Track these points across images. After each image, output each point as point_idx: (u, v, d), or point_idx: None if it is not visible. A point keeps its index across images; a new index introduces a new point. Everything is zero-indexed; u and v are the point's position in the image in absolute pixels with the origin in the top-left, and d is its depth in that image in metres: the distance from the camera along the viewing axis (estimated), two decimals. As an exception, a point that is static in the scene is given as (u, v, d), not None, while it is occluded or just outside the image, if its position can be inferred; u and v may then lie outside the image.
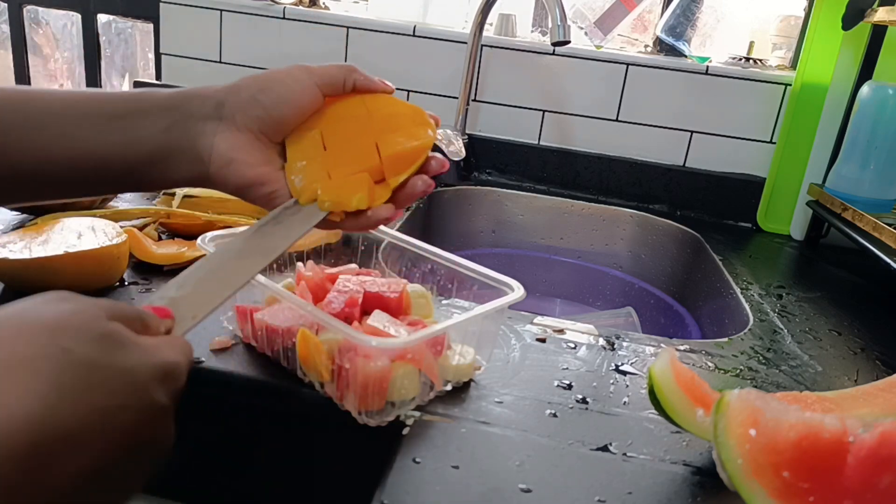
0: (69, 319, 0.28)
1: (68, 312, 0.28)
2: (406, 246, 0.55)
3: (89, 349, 0.27)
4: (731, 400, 0.38)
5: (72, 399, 0.25)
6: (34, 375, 0.25)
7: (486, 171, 1.14)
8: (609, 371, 0.54)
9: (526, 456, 0.42)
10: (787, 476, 0.34)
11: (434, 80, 1.12)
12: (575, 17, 1.06)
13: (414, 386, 0.44)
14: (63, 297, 0.29)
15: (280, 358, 0.48)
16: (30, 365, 0.25)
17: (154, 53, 1.22)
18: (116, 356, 0.28)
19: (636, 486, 0.40)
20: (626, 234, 1.07)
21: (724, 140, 1.07)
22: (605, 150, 1.10)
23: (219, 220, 0.69)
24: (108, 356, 0.28)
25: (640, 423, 0.47)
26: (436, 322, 0.48)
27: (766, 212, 1.05)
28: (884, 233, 0.76)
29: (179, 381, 0.32)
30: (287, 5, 1.14)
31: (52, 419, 0.25)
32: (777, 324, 0.69)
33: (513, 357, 0.54)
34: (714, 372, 0.57)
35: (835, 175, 0.92)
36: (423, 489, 0.38)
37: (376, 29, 1.10)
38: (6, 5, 1.25)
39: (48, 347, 0.26)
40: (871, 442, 0.34)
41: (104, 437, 0.26)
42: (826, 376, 0.59)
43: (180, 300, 0.36)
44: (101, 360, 0.27)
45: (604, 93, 1.08)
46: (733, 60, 1.07)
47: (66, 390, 0.25)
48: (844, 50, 0.95)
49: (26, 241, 0.54)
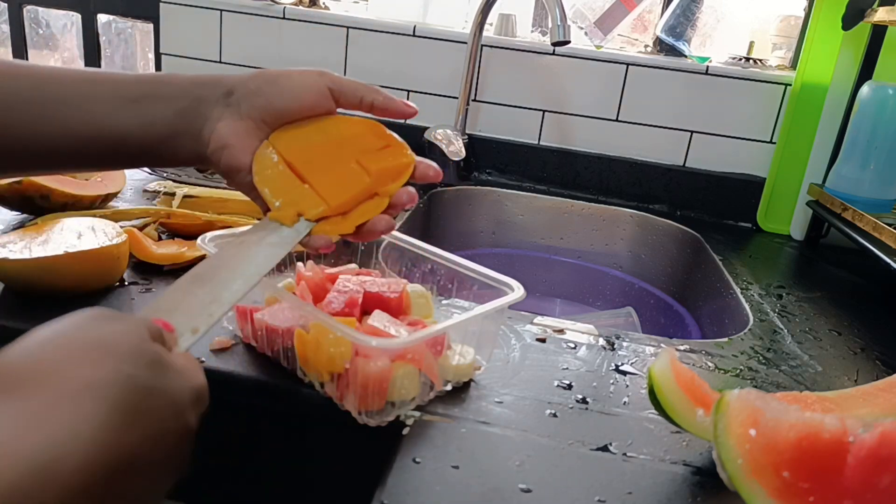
0: (126, 342, 0.28)
1: (122, 334, 0.28)
2: (406, 246, 0.55)
3: (147, 374, 0.28)
4: (731, 400, 0.38)
5: (133, 424, 0.26)
6: (102, 402, 0.25)
7: (486, 171, 1.14)
8: (609, 371, 0.54)
9: (526, 456, 0.42)
10: (787, 476, 0.34)
11: (434, 80, 1.12)
12: (575, 17, 1.06)
13: (414, 386, 0.44)
14: (108, 317, 0.29)
15: (280, 358, 0.48)
16: (98, 391, 0.25)
17: (154, 53, 1.22)
18: (167, 381, 0.29)
19: (636, 486, 0.40)
20: (626, 234, 1.07)
21: (724, 140, 1.07)
22: (605, 150, 1.10)
23: (219, 220, 0.69)
24: (161, 381, 0.28)
25: (640, 423, 0.47)
26: (436, 322, 0.48)
27: (766, 212, 1.05)
28: (884, 233, 0.76)
29: (206, 403, 0.32)
30: (287, 5, 1.14)
31: (119, 445, 0.25)
32: (777, 324, 0.69)
33: (513, 357, 0.54)
34: (714, 372, 0.57)
35: (835, 175, 0.92)
36: (423, 489, 0.38)
37: (376, 29, 1.10)
38: (6, 5, 1.25)
39: (113, 373, 0.26)
40: (871, 442, 0.34)
41: (153, 461, 0.27)
42: (826, 376, 0.59)
43: (178, 313, 0.36)
44: (156, 385, 0.28)
45: (604, 93, 1.08)
46: (733, 60, 1.07)
47: (129, 416, 0.26)
48: (844, 50, 0.95)
49: (26, 241, 0.54)
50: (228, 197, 0.76)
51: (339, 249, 0.67)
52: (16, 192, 0.65)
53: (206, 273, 0.39)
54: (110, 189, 0.74)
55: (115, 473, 0.25)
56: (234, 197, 0.76)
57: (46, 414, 0.24)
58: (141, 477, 0.26)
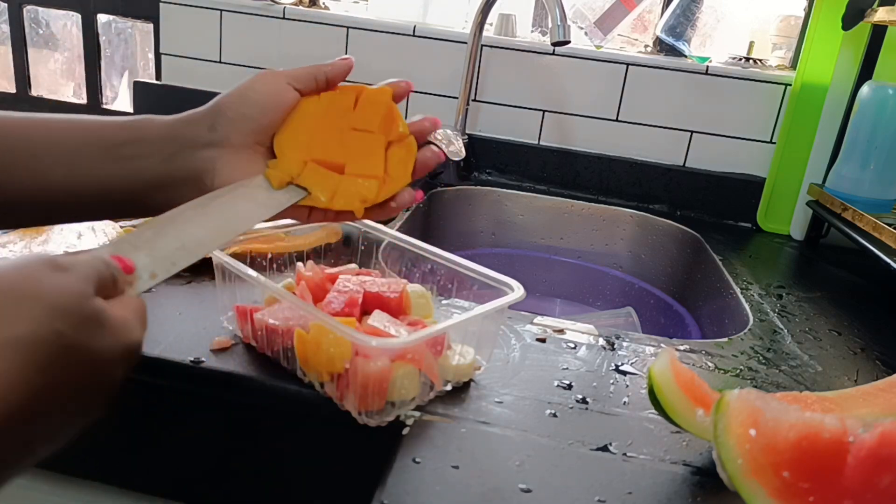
0: (65, 298, 0.28)
1: (63, 287, 0.29)
2: (406, 246, 0.55)
3: (75, 333, 0.28)
4: (731, 400, 0.38)
5: (51, 379, 0.27)
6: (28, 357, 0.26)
7: (486, 171, 1.14)
8: (609, 371, 0.54)
9: (526, 456, 0.42)
10: (787, 476, 0.34)
11: (434, 80, 1.12)
12: (575, 17, 1.06)
13: (414, 386, 0.44)
14: (55, 266, 0.29)
15: (280, 358, 0.48)
16: (26, 347, 0.26)
17: (154, 53, 1.22)
18: (94, 338, 0.29)
19: (636, 486, 0.40)
20: (626, 234, 1.07)
21: (724, 140, 1.07)
22: (605, 150, 1.10)
23: (219, 220, 0.69)
24: (88, 339, 0.29)
25: (640, 423, 0.47)
26: (436, 322, 0.48)
27: (766, 212, 1.05)
28: (884, 233, 0.76)
29: (137, 358, 0.33)
30: (287, 5, 1.14)
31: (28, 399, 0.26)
32: (777, 324, 0.69)
33: (513, 357, 0.54)
34: (714, 372, 0.57)
35: (835, 175, 0.92)
36: (423, 489, 0.38)
37: (376, 29, 1.11)
38: (6, 5, 1.25)
39: (44, 328, 0.27)
40: (871, 442, 0.34)
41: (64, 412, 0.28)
42: (826, 376, 0.59)
43: (142, 254, 0.35)
44: (82, 343, 0.28)
45: (604, 93, 1.08)
46: (733, 60, 1.07)
47: (49, 371, 0.27)
48: (844, 50, 0.95)
49: (26, 241, 0.54)
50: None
51: (339, 249, 0.67)
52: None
53: (185, 216, 0.38)
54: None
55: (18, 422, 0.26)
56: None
57: None
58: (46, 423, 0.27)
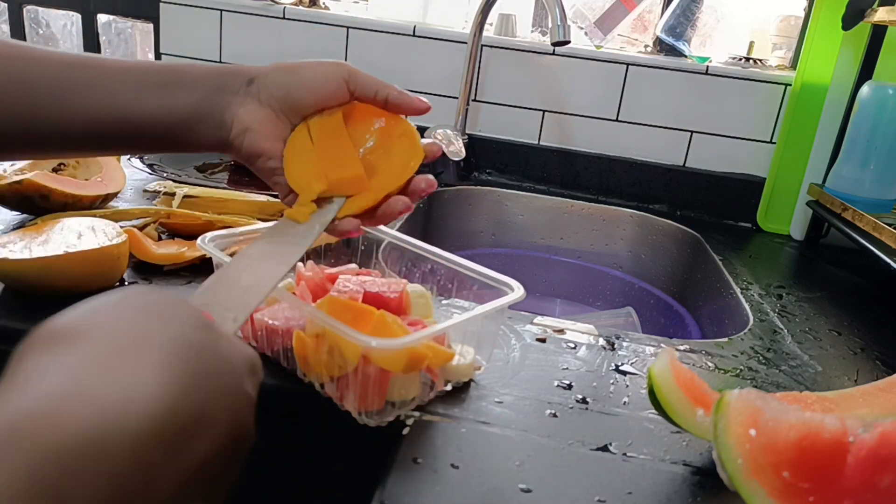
0: (177, 308, 0.28)
1: (172, 302, 0.28)
2: (406, 246, 0.55)
3: (200, 335, 0.27)
4: (731, 400, 0.38)
5: (195, 382, 0.25)
6: (158, 355, 0.25)
7: (486, 171, 1.14)
8: (609, 371, 0.54)
9: (526, 456, 0.42)
10: (787, 476, 0.34)
11: (434, 80, 1.12)
12: (575, 17, 1.06)
13: (414, 386, 0.44)
14: (155, 290, 0.29)
15: (280, 358, 0.48)
16: (159, 348, 0.25)
17: (154, 53, 1.22)
18: (220, 345, 0.28)
19: (636, 486, 0.40)
20: (626, 234, 1.07)
21: (724, 140, 1.07)
22: (605, 150, 1.10)
23: (219, 220, 0.69)
24: (214, 344, 0.28)
25: (640, 423, 0.47)
26: (436, 322, 0.48)
27: (766, 212, 1.05)
28: (884, 233, 0.76)
29: (261, 376, 0.32)
30: (287, 5, 1.14)
31: (185, 401, 0.24)
32: (777, 324, 0.69)
33: (513, 357, 0.54)
34: (714, 372, 0.57)
35: (835, 175, 0.92)
36: (423, 489, 0.38)
37: (376, 29, 1.10)
38: (6, 5, 1.25)
39: (168, 330, 0.26)
40: (871, 442, 0.34)
41: (217, 423, 0.26)
42: (826, 376, 0.59)
43: (213, 305, 0.36)
44: (210, 346, 0.27)
45: (604, 93, 1.08)
46: (733, 60, 1.07)
47: (187, 373, 0.25)
48: (844, 50, 0.95)
49: (26, 241, 0.54)
50: (228, 197, 0.76)
51: (339, 249, 0.67)
52: (16, 191, 0.65)
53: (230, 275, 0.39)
54: (110, 189, 0.74)
55: (186, 429, 0.24)
56: (233, 197, 0.76)
57: (107, 363, 0.24)
58: (206, 438, 0.25)
